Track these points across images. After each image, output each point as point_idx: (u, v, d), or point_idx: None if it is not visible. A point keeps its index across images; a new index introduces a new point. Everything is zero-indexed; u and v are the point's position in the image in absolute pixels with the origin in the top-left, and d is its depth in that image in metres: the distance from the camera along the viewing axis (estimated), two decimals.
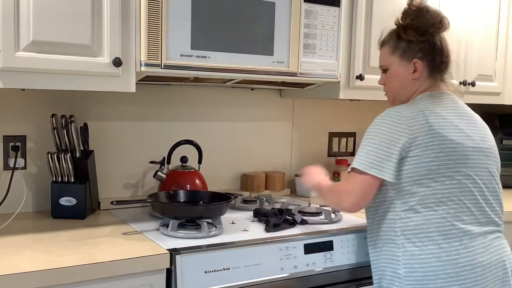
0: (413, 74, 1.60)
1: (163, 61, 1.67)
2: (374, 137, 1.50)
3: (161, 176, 1.97)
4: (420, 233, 1.48)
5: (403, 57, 1.61)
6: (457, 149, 1.50)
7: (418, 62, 1.58)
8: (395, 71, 1.64)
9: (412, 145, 1.47)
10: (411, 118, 1.49)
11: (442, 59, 1.60)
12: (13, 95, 1.87)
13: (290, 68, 1.91)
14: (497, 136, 2.82)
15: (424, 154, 1.47)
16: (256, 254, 1.59)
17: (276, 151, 2.48)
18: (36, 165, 1.94)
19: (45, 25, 1.51)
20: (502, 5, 2.60)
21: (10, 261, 1.35)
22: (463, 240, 1.47)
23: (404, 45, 1.60)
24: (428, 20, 1.57)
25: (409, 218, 1.49)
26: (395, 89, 1.66)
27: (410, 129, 1.47)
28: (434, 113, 1.52)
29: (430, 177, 1.48)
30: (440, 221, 1.47)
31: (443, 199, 1.48)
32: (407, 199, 1.49)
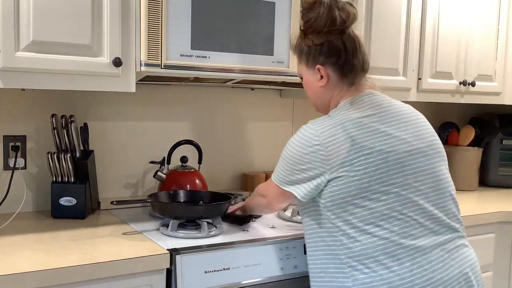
0: (320, 81, 1.46)
1: (163, 61, 1.67)
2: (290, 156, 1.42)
3: (161, 176, 1.97)
4: (367, 259, 1.32)
5: (307, 64, 1.47)
6: (389, 159, 1.34)
7: (321, 68, 1.44)
8: (305, 79, 1.51)
9: (334, 167, 1.34)
10: (329, 136, 1.35)
11: (348, 59, 1.43)
12: (13, 95, 1.87)
13: (290, 68, 1.91)
14: (497, 136, 2.83)
15: (352, 173, 1.33)
16: (256, 254, 1.59)
17: (276, 151, 2.48)
18: (36, 165, 1.94)
19: (45, 25, 1.51)
20: (502, 5, 2.61)
21: (10, 261, 1.35)
22: (415, 258, 1.32)
23: (306, 51, 1.46)
24: (320, 21, 1.41)
25: (352, 243, 1.34)
26: (311, 98, 1.54)
27: (327, 150, 1.34)
28: (355, 124, 1.36)
29: (362, 196, 1.33)
30: (384, 242, 1.32)
31: (383, 218, 1.33)
32: (344, 223, 1.35)
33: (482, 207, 2.29)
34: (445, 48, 2.42)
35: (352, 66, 1.45)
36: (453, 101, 2.51)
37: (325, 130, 1.37)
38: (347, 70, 1.45)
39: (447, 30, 2.42)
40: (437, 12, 2.37)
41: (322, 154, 1.35)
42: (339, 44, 1.42)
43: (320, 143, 1.36)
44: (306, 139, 1.39)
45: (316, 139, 1.37)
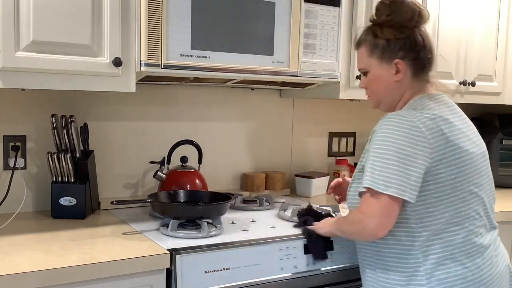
0: (396, 76, 1.44)
1: (163, 61, 1.67)
2: (388, 152, 1.31)
3: (161, 176, 1.97)
4: (444, 257, 1.36)
5: (382, 57, 1.45)
6: (473, 159, 1.39)
7: (400, 62, 1.43)
8: (376, 74, 1.48)
9: (434, 162, 1.33)
10: (428, 129, 1.33)
11: (427, 56, 1.45)
12: (13, 95, 1.87)
13: (290, 68, 1.91)
14: (497, 136, 2.83)
15: (448, 171, 1.34)
16: (256, 254, 1.59)
17: (276, 151, 2.48)
18: (36, 165, 1.94)
19: (45, 25, 1.51)
20: (502, 5, 2.60)
21: (10, 261, 1.35)
22: (482, 254, 1.40)
23: (382, 44, 1.44)
24: (405, 14, 1.42)
25: (432, 242, 1.36)
26: (379, 93, 1.50)
27: (430, 143, 1.33)
28: (444, 120, 1.37)
29: (454, 195, 1.35)
30: (463, 241, 1.37)
31: (465, 217, 1.37)
32: (430, 223, 1.35)
33: None
34: (445, 48, 2.42)
35: (428, 63, 1.46)
36: (453, 101, 2.50)
37: (422, 122, 1.34)
38: (422, 66, 1.45)
39: (447, 30, 2.41)
40: (437, 12, 2.37)
41: (426, 147, 1.32)
42: (420, 40, 1.43)
43: (422, 135, 1.32)
44: (404, 131, 1.32)
45: (418, 131, 1.32)
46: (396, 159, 1.30)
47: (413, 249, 1.38)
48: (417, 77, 1.46)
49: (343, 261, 1.75)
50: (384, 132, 1.35)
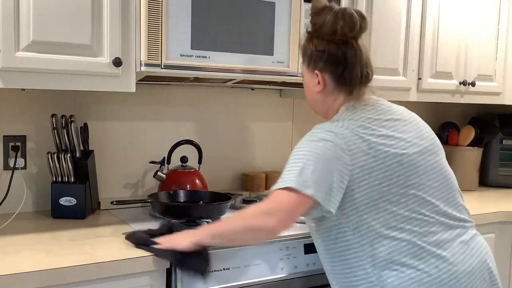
0: (317, 86, 1.45)
1: (163, 61, 1.67)
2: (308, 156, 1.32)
3: (161, 176, 1.97)
4: (393, 262, 1.33)
5: (308, 67, 1.47)
6: (403, 161, 1.36)
7: (319, 74, 1.43)
8: (305, 81, 1.51)
9: (355, 169, 1.32)
10: (347, 138, 1.34)
11: (347, 70, 1.41)
12: (13, 95, 1.87)
13: (290, 68, 1.91)
14: (497, 136, 2.83)
15: (372, 177, 1.32)
16: (256, 254, 1.59)
17: (276, 151, 2.48)
18: (36, 165, 1.94)
19: (45, 25, 1.51)
20: (502, 6, 2.61)
21: (10, 261, 1.35)
22: (439, 254, 1.34)
23: (309, 54, 1.45)
24: (327, 27, 1.39)
25: (377, 250, 1.33)
26: (309, 99, 1.53)
27: (349, 151, 1.32)
28: (365, 129, 1.36)
29: (384, 200, 1.33)
30: (407, 243, 1.33)
31: (403, 220, 1.34)
32: (366, 230, 1.33)
33: (482, 207, 2.29)
34: (445, 48, 2.42)
35: (350, 77, 1.42)
36: (453, 101, 2.51)
37: (341, 133, 1.35)
38: (345, 80, 1.43)
39: (447, 30, 2.42)
40: (437, 12, 2.37)
41: (346, 158, 1.32)
42: (339, 54, 1.40)
43: (342, 143, 1.33)
44: (327, 140, 1.34)
45: (339, 142, 1.33)
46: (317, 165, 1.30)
47: (360, 261, 1.36)
48: (339, 89, 1.45)
49: None
50: (307, 141, 1.37)
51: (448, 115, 3.00)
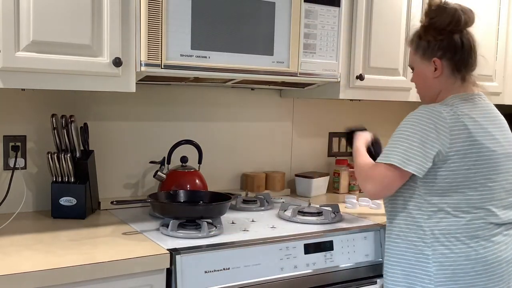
0: (434, 73, 1.61)
1: (163, 61, 1.67)
2: (412, 133, 1.51)
3: (161, 176, 1.97)
4: (449, 234, 1.52)
5: (423, 56, 1.63)
6: (492, 157, 1.53)
7: (437, 60, 1.60)
8: (418, 70, 1.66)
9: (451, 151, 1.49)
10: (452, 121, 1.51)
11: (464, 56, 1.60)
12: (13, 95, 1.87)
13: (290, 68, 1.91)
14: None
15: (463, 162, 1.50)
16: (256, 254, 1.59)
17: (276, 151, 2.48)
18: (36, 165, 1.94)
19: (45, 25, 1.51)
20: (502, 5, 2.60)
21: (10, 261, 1.35)
22: (489, 238, 1.52)
23: (424, 45, 1.62)
24: (445, 18, 1.58)
25: (439, 219, 1.53)
26: (421, 88, 1.69)
27: (451, 133, 1.49)
28: (470, 119, 1.53)
29: (465, 184, 1.51)
30: (468, 224, 1.52)
31: (474, 205, 1.52)
32: (439, 201, 1.53)
33: None
34: None
35: (466, 63, 1.60)
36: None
37: (449, 115, 1.51)
38: (460, 66, 1.60)
39: None
40: None
41: (447, 136, 1.49)
42: (458, 41, 1.59)
43: (445, 125, 1.50)
44: (432, 118, 1.50)
45: (443, 120, 1.50)
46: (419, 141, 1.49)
47: (422, 223, 1.54)
48: (454, 76, 1.61)
49: (343, 261, 1.75)
50: (414, 117, 1.53)
51: None
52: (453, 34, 1.59)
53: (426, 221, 1.54)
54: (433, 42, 1.60)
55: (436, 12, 1.60)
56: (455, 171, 1.50)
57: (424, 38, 1.62)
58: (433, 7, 1.61)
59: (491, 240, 1.53)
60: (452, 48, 1.59)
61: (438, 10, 1.60)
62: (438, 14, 1.59)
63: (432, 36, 1.60)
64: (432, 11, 1.61)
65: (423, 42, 1.62)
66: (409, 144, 1.50)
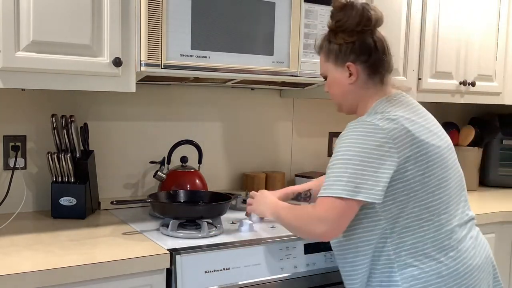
0: (349, 79, 1.48)
1: (163, 61, 1.67)
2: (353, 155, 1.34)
3: (161, 176, 1.97)
4: (416, 253, 1.39)
5: (336, 62, 1.50)
6: (440, 153, 1.42)
7: (351, 65, 1.47)
8: (332, 78, 1.53)
9: (402, 160, 1.35)
10: (391, 129, 1.36)
11: (379, 57, 1.47)
12: (13, 95, 1.87)
13: (290, 68, 1.91)
14: (497, 136, 2.83)
15: (416, 167, 1.37)
16: (256, 254, 1.59)
17: (276, 151, 2.48)
18: (36, 165, 1.94)
19: (45, 25, 1.51)
20: (502, 5, 2.61)
21: (10, 261, 1.35)
22: (456, 247, 1.41)
23: (335, 49, 1.49)
24: (354, 19, 1.45)
25: (403, 239, 1.39)
26: (337, 96, 1.55)
27: (395, 142, 1.35)
28: (406, 119, 1.40)
29: (424, 191, 1.38)
30: (434, 236, 1.39)
31: (435, 212, 1.40)
32: (401, 219, 1.38)
33: (482, 207, 2.29)
34: (445, 48, 2.42)
35: (382, 64, 1.49)
36: (453, 101, 2.51)
37: (385, 123, 1.37)
38: (377, 68, 1.48)
39: (447, 30, 2.41)
40: (437, 12, 2.37)
41: (391, 147, 1.35)
42: (370, 42, 1.47)
43: (386, 136, 1.35)
44: (369, 134, 1.36)
45: (380, 132, 1.36)
46: (363, 163, 1.33)
47: (384, 248, 1.41)
48: (371, 79, 1.49)
49: None
50: (349, 138, 1.38)
51: (448, 115, 3.00)
52: (364, 35, 1.46)
53: (389, 246, 1.39)
54: (344, 45, 1.47)
55: (343, 13, 1.47)
56: (411, 179, 1.36)
57: (334, 42, 1.49)
58: (338, 8, 1.48)
59: (458, 249, 1.40)
60: (365, 50, 1.46)
61: (345, 11, 1.46)
62: (345, 15, 1.46)
63: (342, 39, 1.47)
64: (337, 12, 1.48)
65: (334, 46, 1.49)
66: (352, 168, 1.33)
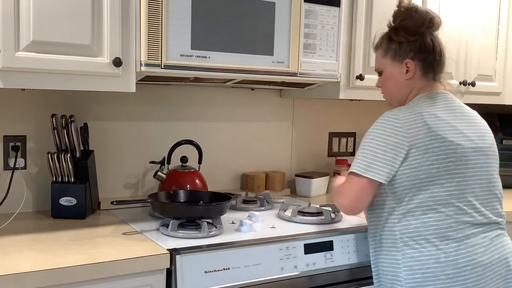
0: (406, 75, 1.60)
1: (163, 61, 1.67)
2: (371, 140, 1.51)
3: (161, 176, 1.97)
4: (418, 236, 1.49)
5: (394, 58, 1.61)
6: (457, 151, 1.50)
7: (410, 62, 1.59)
8: (388, 73, 1.64)
9: (412, 149, 1.47)
10: (409, 120, 1.49)
11: (435, 58, 1.60)
12: (13, 95, 1.87)
13: (290, 68, 1.91)
14: (497, 136, 2.82)
15: (424, 157, 1.47)
16: (256, 254, 1.59)
17: (276, 151, 2.48)
18: (36, 165, 1.94)
19: (45, 25, 1.51)
20: (502, 5, 2.60)
21: (10, 261, 1.35)
22: (461, 240, 1.48)
23: (395, 47, 1.60)
24: (417, 20, 1.57)
25: (408, 222, 1.50)
26: (391, 91, 1.67)
27: (408, 132, 1.48)
28: (431, 115, 1.52)
29: (429, 180, 1.48)
30: (437, 224, 1.48)
31: (441, 202, 1.49)
32: (406, 203, 1.50)
33: None
34: None
35: (437, 64, 1.61)
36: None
37: (405, 115, 1.51)
38: (430, 67, 1.60)
39: (447, 30, 2.39)
40: (437, 12, 2.37)
41: (402, 133, 1.48)
42: (429, 43, 1.59)
43: (401, 125, 1.49)
44: (387, 123, 1.51)
45: (397, 122, 1.50)
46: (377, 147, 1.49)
47: (393, 228, 1.53)
48: (425, 76, 1.61)
49: (343, 261, 1.75)
50: (374, 125, 1.54)
51: None
52: (425, 36, 1.58)
53: (396, 225, 1.52)
54: (405, 43, 1.59)
55: (407, 14, 1.59)
56: (417, 167, 1.47)
57: (395, 40, 1.60)
58: (403, 9, 1.60)
59: (464, 242, 1.48)
60: (424, 49, 1.58)
61: (409, 12, 1.59)
62: (409, 15, 1.58)
63: (403, 38, 1.58)
64: (402, 12, 1.60)
65: (394, 44, 1.61)
66: (368, 151, 1.50)
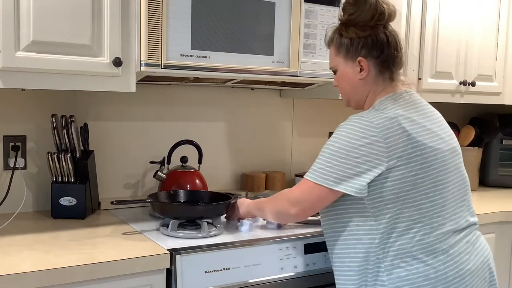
0: (360, 74, 1.47)
1: (163, 61, 1.67)
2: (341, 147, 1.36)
3: (161, 176, 1.97)
4: (404, 254, 1.37)
5: (347, 56, 1.48)
6: (437, 156, 1.39)
7: (363, 60, 1.45)
8: (342, 72, 1.51)
9: (392, 160, 1.34)
10: (386, 128, 1.35)
11: (391, 53, 1.46)
12: (13, 95, 1.87)
13: (290, 68, 1.91)
14: (497, 136, 2.83)
15: (408, 168, 1.35)
16: (256, 254, 1.59)
17: (276, 151, 2.48)
18: (36, 165, 1.94)
19: (45, 25, 1.51)
20: (502, 5, 2.60)
21: (10, 261, 1.35)
22: (447, 251, 1.38)
23: (347, 43, 1.46)
24: (367, 14, 1.43)
25: (391, 238, 1.37)
26: (347, 91, 1.54)
27: (386, 141, 1.34)
28: (406, 119, 1.38)
29: (414, 192, 1.36)
30: (423, 238, 1.37)
31: (427, 214, 1.38)
32: (389, 219, 1.37)
33: (482, 207, 2.29)
34: (445, 48, 2.42)
35: (393, 60, 1.47)
36: (453, 101, 2.51)
37: (381, 122, 1.36)
38: (387, 65, 1.47)
39: (447, 30, 2.41)
40: (437, 12, 2.37)
41: (381, 146, 1.34)
42: (383, 38, 1.45)
43: (378, 135, 1.35)
44: (361, 130, 1.36)
45: (373, 131, 1.35)
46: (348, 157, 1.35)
47: (372, 247, 1.39)
48: (382, 75, 1.47)
49: None
50: (343, 130, 1.39)
51: (448, 115, 2.99)
52: (377, 30, 1.44)
53: (378, 245, 1.37)
54: (356, 40, 1.44)
55: (356, 6, 1.44)
56: (401, 179, 1.35)
57: (346, 36, 1.46)
58: (352, 1, 1.46)
59: (450, 253, 1.38)
60: (377, 45, 1.44)
61: (358, 4, 1.44)
62: (358, 8, 1.43)
63: (354, 33, 1.44)
64: (350, 5, 1.46)
65: (345, 40, 1.46)
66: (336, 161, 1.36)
